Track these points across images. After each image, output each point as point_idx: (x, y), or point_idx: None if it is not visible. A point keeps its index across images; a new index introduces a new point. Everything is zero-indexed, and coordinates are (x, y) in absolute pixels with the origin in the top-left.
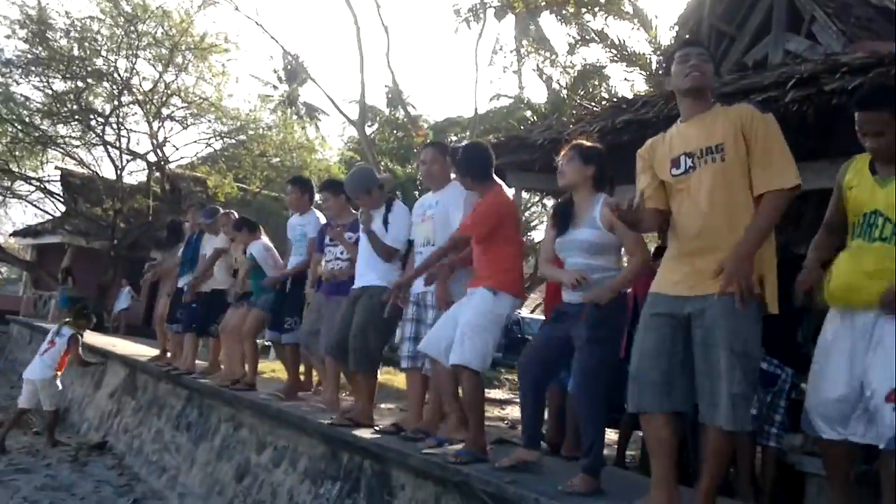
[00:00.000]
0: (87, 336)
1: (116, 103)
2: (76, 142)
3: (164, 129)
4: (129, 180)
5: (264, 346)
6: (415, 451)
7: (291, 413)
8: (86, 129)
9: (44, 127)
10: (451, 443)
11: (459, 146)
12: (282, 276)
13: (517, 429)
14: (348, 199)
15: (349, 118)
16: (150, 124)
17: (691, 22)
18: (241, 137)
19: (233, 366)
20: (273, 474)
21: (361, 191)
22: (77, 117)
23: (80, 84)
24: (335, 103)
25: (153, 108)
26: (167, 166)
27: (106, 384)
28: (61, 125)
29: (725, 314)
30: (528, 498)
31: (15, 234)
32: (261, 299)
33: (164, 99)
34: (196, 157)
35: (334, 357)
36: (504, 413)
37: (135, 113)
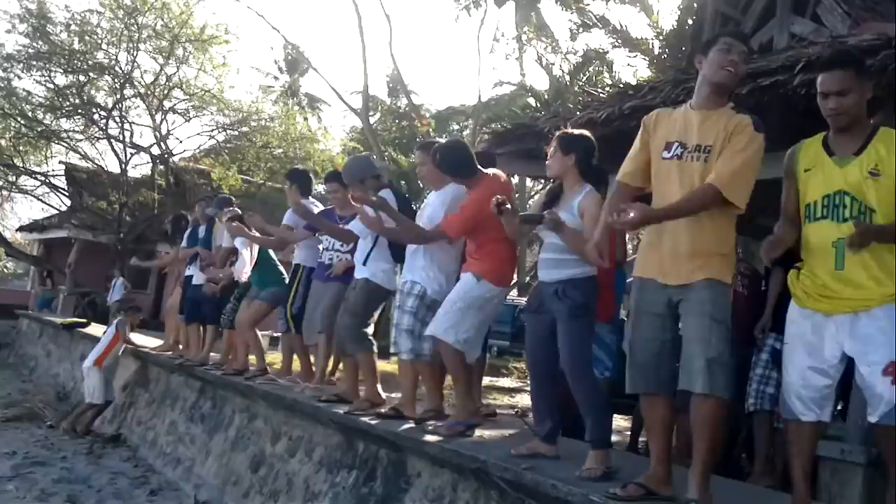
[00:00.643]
0: (97, 330)
1: (118, 97)
2: (79, 136)
3: (167, 122)
4: (134, 174)
5: (272, 338)
6: (429, 437)
7: (306, 403)
8: (89, 123)
9: (47, 121)
10: (468, 423)
11: (435, 148)
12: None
13: (528, 415)
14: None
15: (352, 107)
16: (153, 117)
17: (696, 5)
18: (244, 129)
19: (257, 357)
20: (288, 464)
21: (355, 180)
22: (80, 111)
23: (82, 78)
24: (338, 93)
25: (155, 101)
26: (171, 159)
27: (118, 377)
28: (64, 119)
29: (707, 289)
30: (545, 484)
31: (21, 230)
32: (264, 292)
33: (166, 91)
34: (199, 150)
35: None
36: (514, 401)
37: (137, 106)
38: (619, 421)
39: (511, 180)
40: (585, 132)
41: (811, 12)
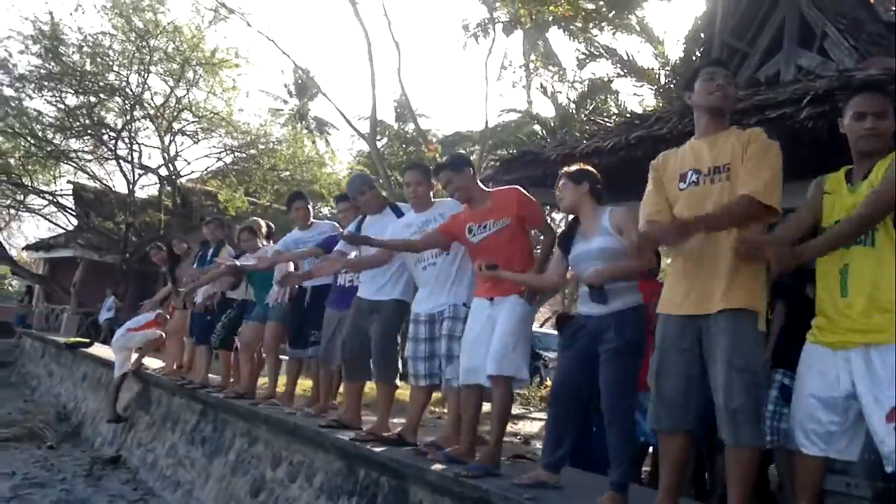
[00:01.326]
0: (101, 350)
1: (128, 118)
2: (88, 156)
3: (176, 144)
4: (141, 194)
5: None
6: (431, 465)
7: (307, 428)
8: (98, 144)
9: (56, 141)
10: (458, 460)
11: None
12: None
13: (531, 444)
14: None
15: (360, 132)
16: (162, 139)
17: (703, 37)
18: (252, 152)
19: (244, 380)
20: (289, 489)
21: (358, 191)
22: (89, 132)
23: (93, 99)
24: (346, 117)
25: (164, 123)
26: (178, 180)
27: (120, 398)
28: (74, 139)
29: (726, 330)
30: None
31: (28, 248)
32: (274, 310)
33: (176, 114)
34: (207, 172)
35: (345, 367)
36: (517, 428)
37: (146, 128)
38: None
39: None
40: (586, 166)
41: (818, 46)
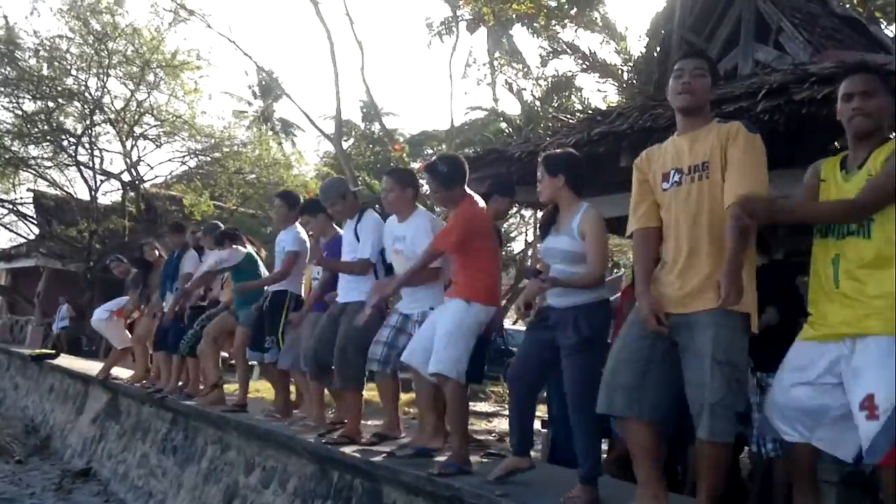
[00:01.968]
0: (67, 360)
1: (88, 123)
2: (48, 163)
3: (138, 149)
4: (104, 201)
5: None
6: (404, 467)
7: (280, 433)
8: (58, 150)
9: (15, 148)
10: (431, 451)
11: (435, 159)
12: (253, 286)
13: (505, 441)
14: (331, 217)
15: (325, 133)
16: (123, 143)
17: (661, 33)
18: (216, 155)
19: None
20: (262, 495)
21: (336, 196)
22: (48, 138)
23: (51, 104)
24: (310, 119)
25: (126, 127)
26: (142, 186)
27: (88, 409)
28: (33, 146)
29: (710, 324)
30: None
31: None
32: (242, 314)
33: (137, 117)
34: (171, 176)
35: (311, 371)
36: (491, 426)
37: (107, 132)
38: None
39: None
40: (569, 150)
41: (774, 40)
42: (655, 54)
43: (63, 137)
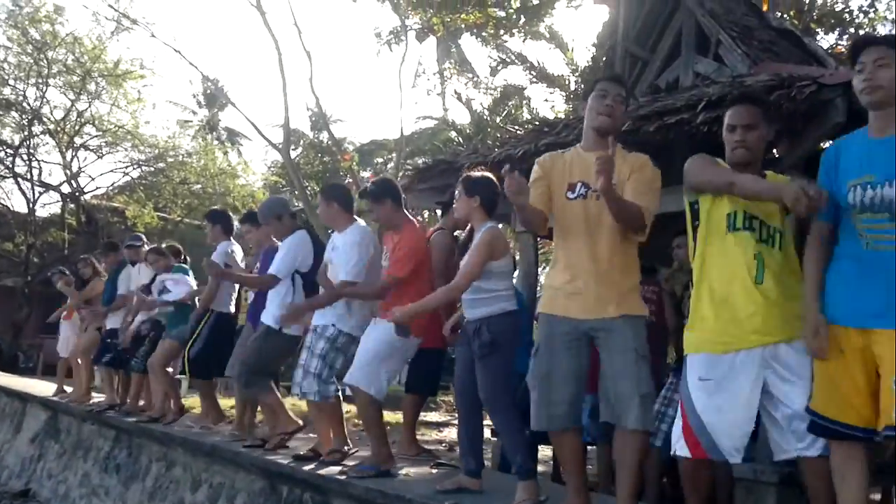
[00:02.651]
0: (3, 378)
1: (26, 133)
2: None
3: (78, 159)
4: (42, 213)
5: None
6: (350, 479)
7: (227, 449)
8: None
9: None
10: (379, 469)
11: (370, 183)
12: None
13: (455, 451)
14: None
15: (272, 143)
16: (63, 154)
17: (606, 46)
18: (161, 165)
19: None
20: None
21: (271, 217)
22: None
23: None
24: (257, 128)
25: (66, 138)
26: (82, 197)
27: (26, 428)
28: None
29: (627, 327)
30: None
31: None
32: (176, 330)
33: (77, 128)
34: (113, 187)
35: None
36: (441, 436)
37: (46, 143)
38: (545, 450)
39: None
40: (487, 174)
41: (713, 52)
42: (601, 64)
43: (0, 148)
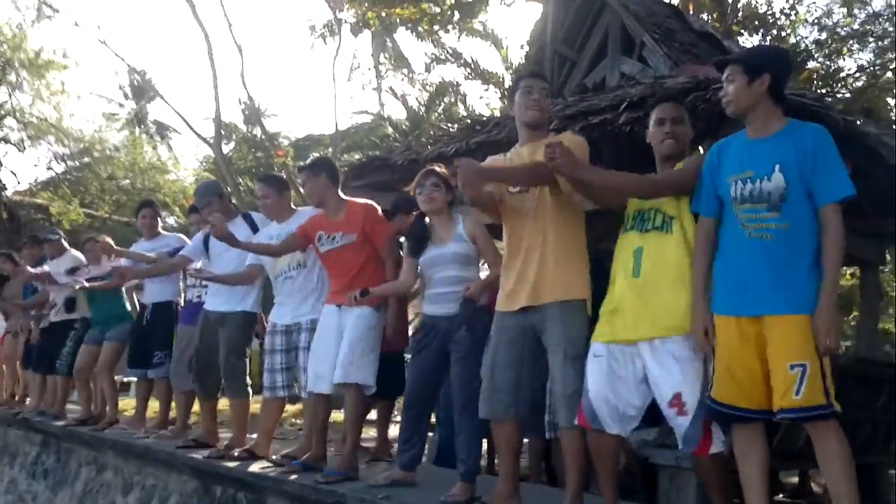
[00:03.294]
0: None
1: None
2: None
3: None
4: None
5: (122, 383)
6: (288, 477)
7: (159, 450)
8: None
9: None
10: (312, 467)
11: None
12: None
13: (393, 447)
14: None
15: (203, 137)
16: None
17: (537, 45)
18: (86, 160)
19: (87, 405)
20: None
21: (213, 196)
22: None
23: None
24: (187, 122)
25: None
26: (3, 193)
27: None
28: None
29: (558, 320)
30: None
31: None
32: (113, 330)
33: None
34: (36, 183)
35: (197, 385)
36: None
37: None
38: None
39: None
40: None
41: (638, 53)
42: (533, 64)
43: None
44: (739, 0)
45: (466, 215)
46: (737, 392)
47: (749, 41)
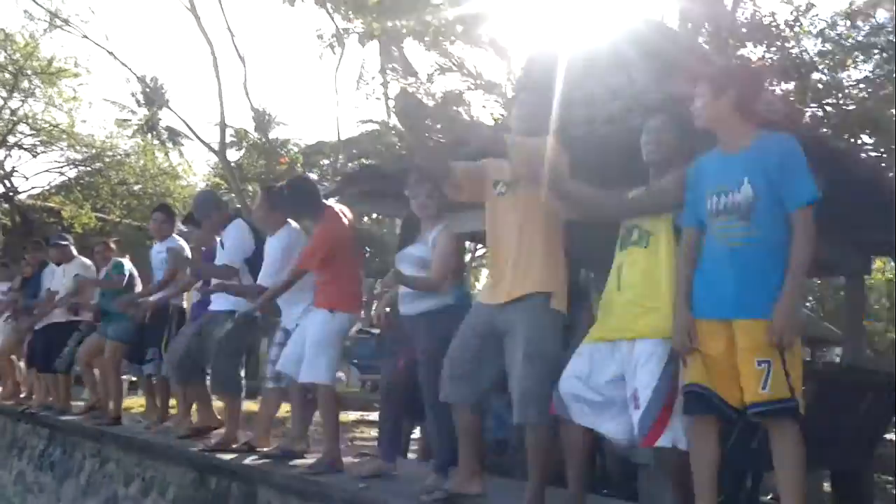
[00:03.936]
0: None
1: None
2: None
3: (12, 158)
4: None
5: (132, 381)
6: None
7: (159, 443)
8: None
9: None
10: (297, 454)
11: (281, 185)
12: (135, 298)
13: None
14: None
15: (209, 146)
16: None
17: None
18: (98, 165)
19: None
20: None
21: (211, 209)
22: None
23: None
24: (194, 131)
25: None
26: (16, 197)
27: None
28: None
29: (520, 319)
30: (380, 500)
31: None
32: (111, 328)
33: (10, 126)
34: (49, 187)
35: (175, 378)
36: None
37: None
38: None
39: (353, 215)
40: None
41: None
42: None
43: None
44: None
45: (450, 224)
46: (711, 380)
47: (754, 53)
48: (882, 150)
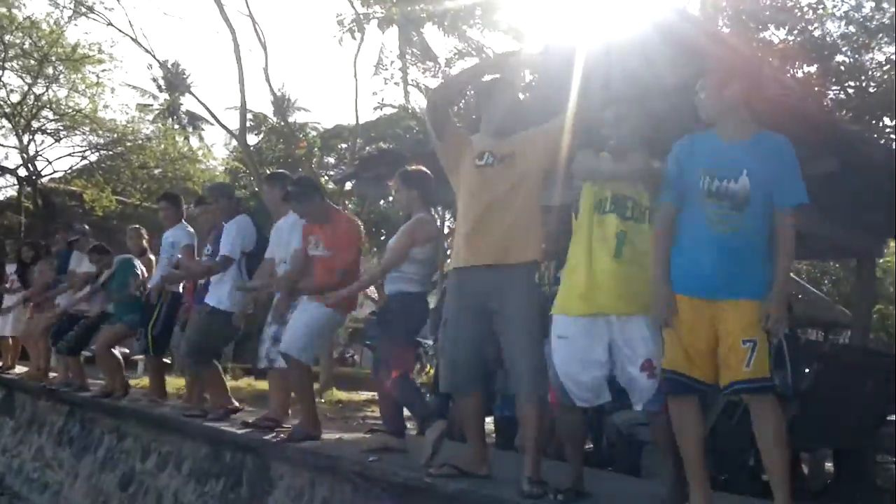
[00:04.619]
0: None
1: None
2: None
3: (35, 143)
4: None
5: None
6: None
7: (175, 419)
8: None
9: None
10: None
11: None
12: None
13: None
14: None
15: (229, 130)
16: (20, 138)
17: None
18: (119, 149)
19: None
20: (158, 479)
21: (222, 196)
22: None
23: None
24: (214, 115)
25: (22, 122)
26: (39, 181)
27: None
28: None
29: (515, 289)
30: (389, 472)
31: None
32: (127, 317)
33: (34, 111)
34: (71, 171)
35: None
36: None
37: (2, 126)
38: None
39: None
40: (423, 168)
41: None
42: None
43: None
44: None
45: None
46: (686, 363)
47: (776, 36)
48: None
